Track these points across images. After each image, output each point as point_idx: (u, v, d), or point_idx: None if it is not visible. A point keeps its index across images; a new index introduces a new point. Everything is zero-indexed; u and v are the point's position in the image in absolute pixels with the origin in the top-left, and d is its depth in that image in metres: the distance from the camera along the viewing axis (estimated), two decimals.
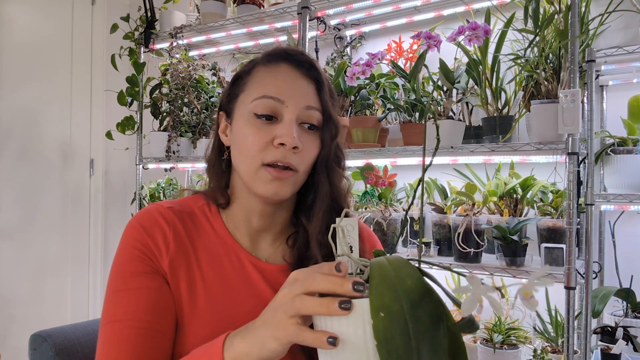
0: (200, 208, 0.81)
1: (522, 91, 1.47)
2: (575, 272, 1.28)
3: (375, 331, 0.44)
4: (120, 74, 2.26)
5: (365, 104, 1.75)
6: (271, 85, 0.75)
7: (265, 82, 0.76)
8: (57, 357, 0.95)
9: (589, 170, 1.44)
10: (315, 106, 0.76)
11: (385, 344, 0.43)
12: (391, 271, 0.47)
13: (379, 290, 0.45)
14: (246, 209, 0.79)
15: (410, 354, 0.43)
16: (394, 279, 0.46)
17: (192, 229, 0.78)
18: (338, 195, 0.78)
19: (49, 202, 2.69)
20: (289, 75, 0.76)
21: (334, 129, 0.77)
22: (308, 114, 0.75)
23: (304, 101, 0.75)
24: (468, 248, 1.45)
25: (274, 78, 0.76)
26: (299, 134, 0.74)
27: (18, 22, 2.59)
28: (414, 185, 1.83)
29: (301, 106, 0.74)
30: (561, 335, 1.49)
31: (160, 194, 2.29)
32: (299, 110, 0.74)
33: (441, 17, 1.84)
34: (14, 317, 2.52)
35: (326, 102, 0.77)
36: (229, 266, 0.77)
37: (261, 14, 1.95)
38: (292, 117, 0.73)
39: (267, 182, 0.73)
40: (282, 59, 0.77)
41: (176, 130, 2.15)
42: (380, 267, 0.48)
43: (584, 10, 1.43)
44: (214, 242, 0.78)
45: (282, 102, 0.74)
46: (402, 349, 0.43)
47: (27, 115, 2.61)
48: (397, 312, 0.44)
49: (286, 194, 0.74)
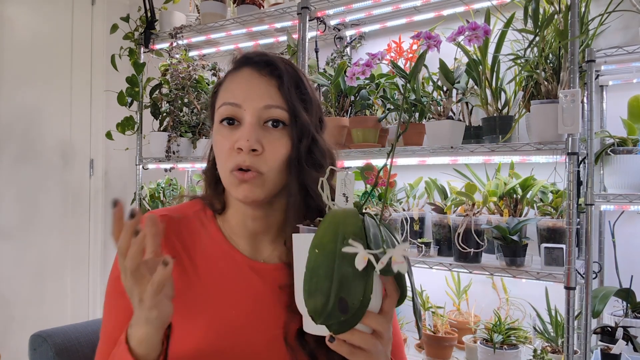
0: (196, 213, 0.83)
1: (522, 91, 1.47)
2: (575, 272, 1.28)
3: (307, 262, 0.55)
4: (120, 74, 2.26)
5: (365, 104, 1.75)
6: (229, 92, 0.77)
7: (227, 89, 0.78)
8: (57, 357, 0.95)
9: (588, 170, 1.44)
10: (275, 104, 0.75)
11: (310, 271, 0.54)
12: (340, 217, 0.57)
13: (322, 232, 0.56)
14: (240, 213, 0.80)
15: (327, 283, 0.53)
16: (339, 224, 0.56)
17: (187, 235, 0.80)
18: (315, 197, 0.75)
19: (49, 202, 2.69)
20: (247, 78, 0.77)
21: (303, 127, 0.75)
22: (269, 113, 0.74)
23: (261, 101, 0.74)
24: (468, 248, 1.45)
25: (233, 83, 0.77)
26: (262, 135, 0.73)
27: (18, 22, 2.59)
28: (414, 185, 1.83)
29: (259, 107, 0.74)
30: (561, 335, 1.49)
31: (160, 194, 2.29)
32: (257, 111, 0.74)
33: (441, 17, 1.84)
34: (14, 317, 2.52)
35: (289, 99, 0.75)
36: (224, 268, 0.78)
37: (261, 14, 1.96)
38: (250, 120, 0.74)
39: (236, 186, 0.74)
40: (243, 64, 0.78)
41: (176, 131, 2.15)
42: (333, 214, 0.58)
43: (584, 11, 1.43)
44: (208, 246, 0.80)
45: (239, 107, 0.75)
46: (322, 277, 0.53)
47: (27, 115, 2.61)
48: (329, 250, 0.54)
49: (257, 195, 0.74)
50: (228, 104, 0.75)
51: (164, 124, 2.21)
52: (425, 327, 1.66)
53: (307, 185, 0.75)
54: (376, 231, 0.57)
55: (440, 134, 1.48)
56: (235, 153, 0.73)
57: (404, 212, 1.68)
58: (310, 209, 0.76)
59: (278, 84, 0.76)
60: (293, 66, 0.79)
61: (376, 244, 0.55)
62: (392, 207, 1.64)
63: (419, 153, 1.54)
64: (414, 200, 1.82)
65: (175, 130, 2.15)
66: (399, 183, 1.86)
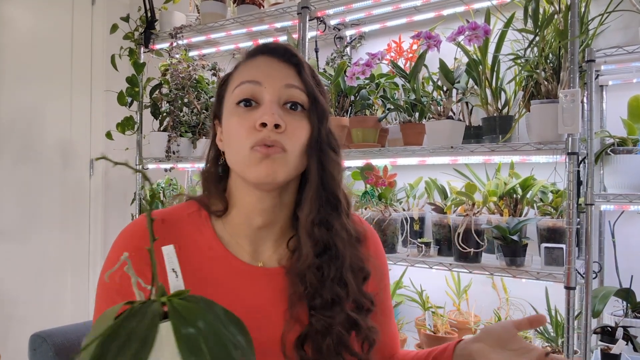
0: (191, 215, 0.79)
1: (522, 91, 1.47)
2: (575, 272, 1.28)
3: None
4: (120, 74, 2.26)
5: (365, 104, 1.75)
6: (247, 72, 0.75)
7: (243, 71, 0.76)
8: (57, 357, 0.95)
9: (588, 170, 1.44)
10: (296, 84, 0.74)
11: None
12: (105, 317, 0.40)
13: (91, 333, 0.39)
14: (246, 210, 0.77)
15: None
16: (98, 324, 0.40)
17: (181, 238, 0.76)
18: (332, 181, 0.74)
19: (49, 202, 2.69)
20: (265, 62, 0.75)
21: (321, 111, 0.75)
22: (289, 93, 0.73)
23: (282, 80, 0.73)
24: (468, 248, 1.45)
25: (250, 67, 0.76)
26: (283, 115, 0.72)
27: (18, 22, 2.59)
28: (414, 185, 1.83)
29: (280, 85, 0.73)
30: (561, 335, 1.49)
31: (160, 194, 2.29)
32: (278, 90, 0.72)
33: (441, 17, 1.84)
34: (13, 317, 2.52)
35: (309, 83, 0.75)
36: (219, 273, 0.75)
37: (261, 14, 1.96)
38: (271, 98, 0.72)
39: (257, 163, 0.70)
40: (259, 52, 0.77)
41: (176, 131, 2.15)
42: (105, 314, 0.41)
43: (584, 10, 1.43)
44: (203, 250, 0.76)
45: (259, 84, 0.72)
46: None
47: (27, 115, 2.61)
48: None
49: (280, 175, 0.71)
50: (247, 82, 0.73)
51: (164, 124, 2.21)
52: (426, 327, 1.66)
53: (326, 168, 0.74)
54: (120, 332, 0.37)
55: (440, 134, 1.48)
56: (256, 131, 0.70)
57: (404, 212, 1.68)
58: (325, 198, 0.74)
59: (297, 69, 0.75)
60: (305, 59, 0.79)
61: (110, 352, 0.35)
62: (392, 207, 1.63)
63: (419, 153, 1.54)
64: (414, 200, 1.82)
65: (175, 130, 2.15)
66: (399, 183, 1.86)
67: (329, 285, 0.73)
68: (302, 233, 0.75)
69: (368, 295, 0.77)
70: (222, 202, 0.79)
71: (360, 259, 0.78)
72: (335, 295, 0.72)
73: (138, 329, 0.37)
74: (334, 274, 0.73)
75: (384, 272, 0.89)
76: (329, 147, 0.75)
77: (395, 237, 1.63)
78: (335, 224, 0.75)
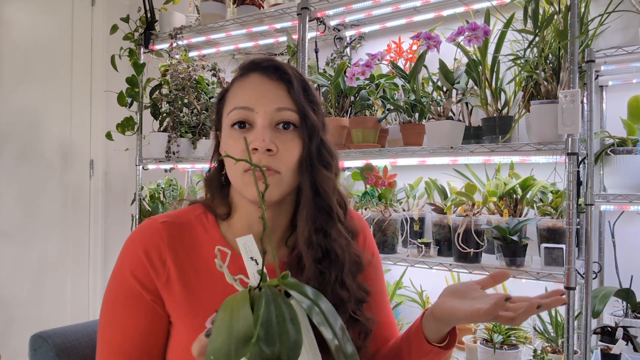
0: (198, 217, 0.83)
1: (522, 91, 1.47)
2: (575, 272, 1.28)
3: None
4: (120, 75, 2.26)
5: (365, 105, 1.75)
6: (240, 96, 0.78)
7: (237, 94, 0.79)
8: (57, 357, 0.95)
9: (588, 171, 1.44)
10: (286, 107, 0.77)
11: None
12: (230, 312, 0.52)
13: (215, 334, 0.51)
14: (246, 217, 0.81)
15: None
16: (230, 320, 0.51)
17: (189, 239, 0.80)
18: (325, 194, 0.78)
19: (49, 203, 2.69)
20: (257, 83, 0.78)
21: (312, 127, 0.78)
22: (280, 115, 0.77)
23: (273, 104, 0.76)
24: (468, 248, 1.46)
25: (243, 89, 0.79)
26: (275, 137, 0.75)
27: (18, 22, 2.59)
28: (414, 185, 1.84)
29: (271, 109, 0.76)
30: (561, 335, 1.49)
31: (160, 194, 2.29)
32: (269, 114, 0.76)
33: (441, 17, 1.85)
34: (14, 317, 2.52)
35: (299, 101, 0.77)
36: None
37: (261, 15, 1.96)
38: (263, 122, 0.76)
39: (252, 185, 0.75)
40: (251, 70, 0.80)
41: (176, 131, 2.15)
42: (224, 308, 0.53)
43: (584, 11, 1.43)
44: (211, 250, 0.80)
45: (251, 110, 0.76)
46: None
47: (27, 116, 2.61)
48: (224, 354, 0.49)
49: (274, 195, 0.76)
50: (239, 108, 0.77)
51: (164, 124, 2.21)
52: None
53: (318, 184, 0.78)
54: (271, 318, 0.50)
55: (440, 134, 1.48)
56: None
57: (404, 213, 1.68)
58: (320, 209, 0.78)
59: (287, 87, 0.78)
60: (298, 71, 0.82)
61: (269, 341, 0.48)
62: (392, 208, 1.64)
63: (419, 153, 1.54)
64: (414, 200, 1.82)
65: (175, 130, 2.15)
66: (399, 183, 1.86)
67: (331, 289, 0.76)
68: (301, 243, 0.78)
69: (363, 286, 0.81)
70: (225, 206, 0.83)
71: (357, 256, 0.81)
72: (338, 299, 0.76)
73: (279, 312, 0.50)
74: (334, 279, 0.77)
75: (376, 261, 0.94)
76: (320, 163, 0.79)
77: (395, 237, 1.63)
78: (332, 231, 0.78)
